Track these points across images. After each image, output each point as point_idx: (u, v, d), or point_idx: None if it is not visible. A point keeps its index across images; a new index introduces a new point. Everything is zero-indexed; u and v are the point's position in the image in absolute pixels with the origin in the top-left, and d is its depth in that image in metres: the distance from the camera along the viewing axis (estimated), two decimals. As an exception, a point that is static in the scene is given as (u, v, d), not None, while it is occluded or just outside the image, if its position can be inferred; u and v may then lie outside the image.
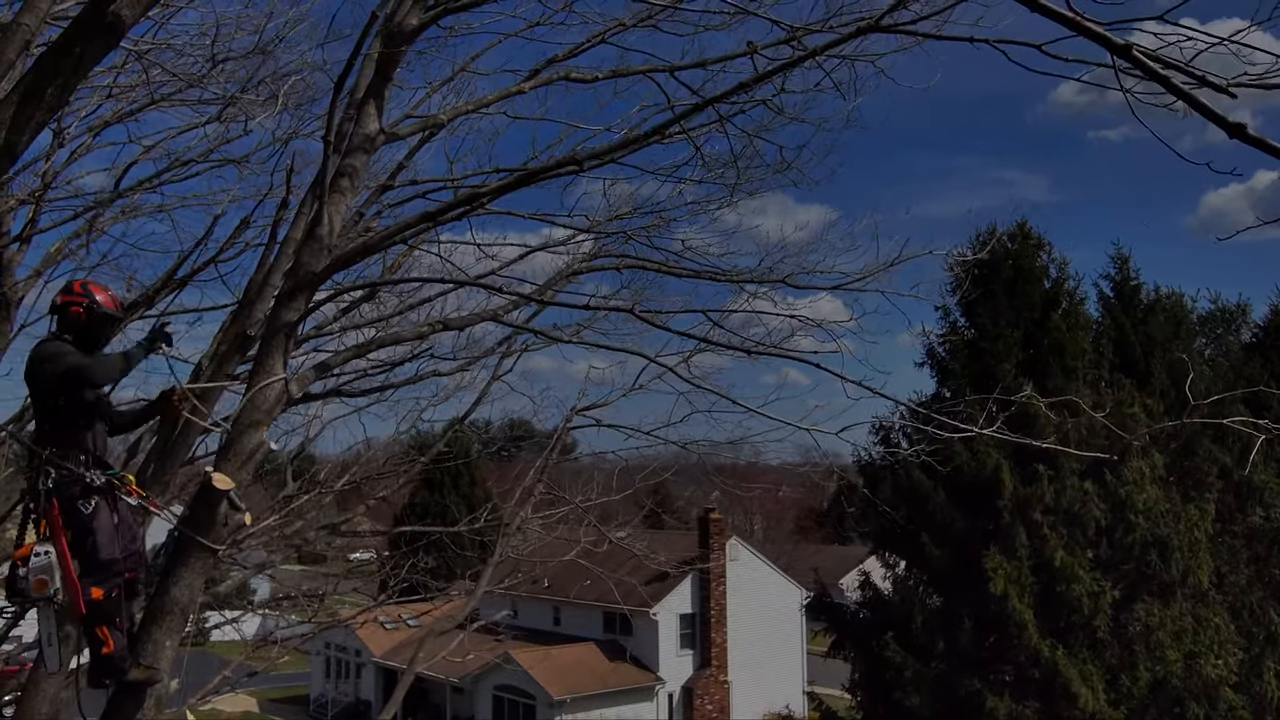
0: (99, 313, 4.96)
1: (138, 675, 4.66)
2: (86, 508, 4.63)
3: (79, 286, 5.08)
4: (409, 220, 5.37)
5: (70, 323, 4.94)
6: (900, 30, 4.85)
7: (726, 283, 6.08)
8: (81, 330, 4.94)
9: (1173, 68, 2.90)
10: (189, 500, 5.47)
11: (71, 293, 5.02)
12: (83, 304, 4.94)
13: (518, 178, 5.23)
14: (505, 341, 11.26)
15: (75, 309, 4.94)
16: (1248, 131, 2.68)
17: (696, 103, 4.99)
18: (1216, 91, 2.91)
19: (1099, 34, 2.97)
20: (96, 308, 4.95)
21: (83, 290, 5.03)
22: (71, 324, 4.94)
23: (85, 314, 4.93)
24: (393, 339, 6.52)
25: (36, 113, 3.68)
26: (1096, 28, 2.98)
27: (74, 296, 4.99)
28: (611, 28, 6.57)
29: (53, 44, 3.81)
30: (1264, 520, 22.09)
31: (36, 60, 3.66)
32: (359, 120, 5.22)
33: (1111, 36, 2.96)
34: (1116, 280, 25.52)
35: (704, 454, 10.12)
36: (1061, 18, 3.04)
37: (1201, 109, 2.78)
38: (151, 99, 9.06)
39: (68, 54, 3.75)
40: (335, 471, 12.84)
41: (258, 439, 4.97)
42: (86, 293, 5.00)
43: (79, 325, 4.94)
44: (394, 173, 8.36)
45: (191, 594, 4.93)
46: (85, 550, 4.63)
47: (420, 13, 5.11)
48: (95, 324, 4.97)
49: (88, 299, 4.96)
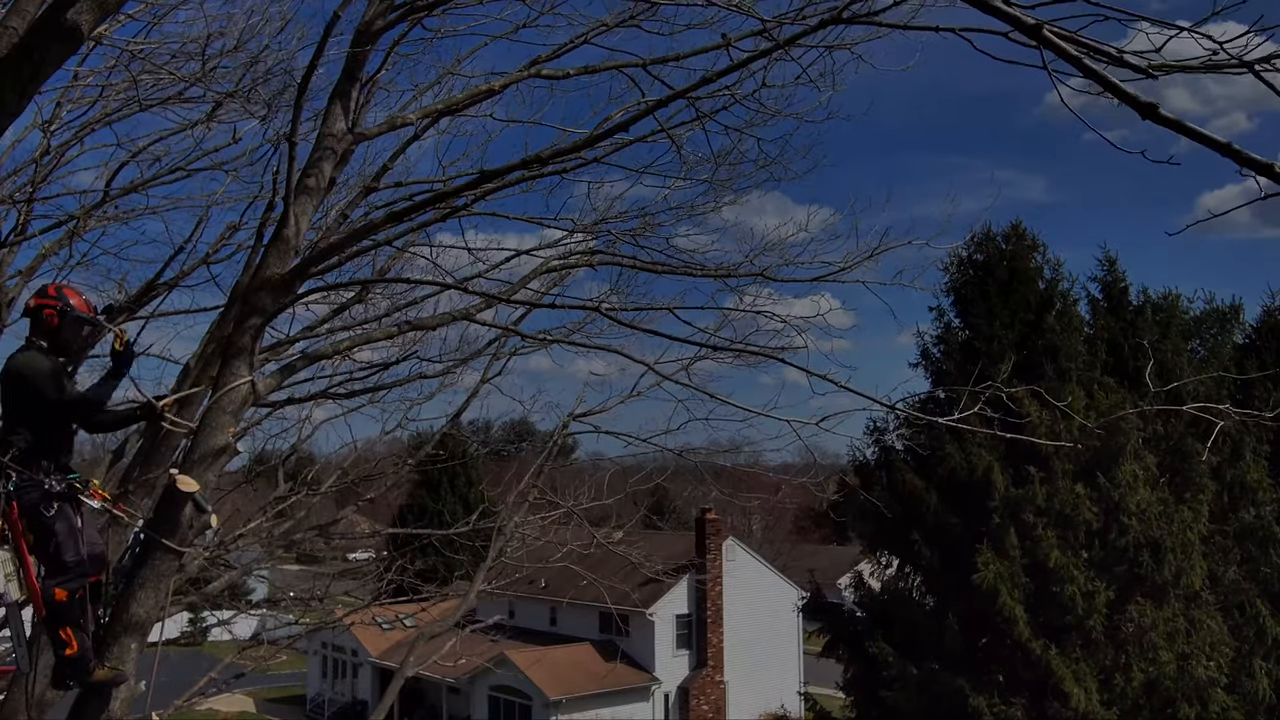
0: (71, 316, 4.96)
1: (101, 676, 4.67)
2: (48, 510, 4.64)
3: (53, 290, 5.10)
4: (375, 220, 5.38)
5: (43, 326, 4.95)
6: (867, 21, 4.88)
7: (704, 277, 6.08)
8: (53, 334, 4.95)
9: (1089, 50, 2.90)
10: (153, 503, 5.49)
11: (45, 296, 5.03)
12: (56, 307, 4.95)
13: (482, 175, 5.24)
14: (493, 344, 11.26)
15: (48, 312, 4.95)
16: (1159, 111, 2.68)
17: (660, 97, 4.99)
18: (1136, 72, 2.91)
19: (1008, 14, 2.98)
20: (70, 311, 4.95)
21: (56, 294, 5.04)
22: (44, 327, 4.95)
23: (58, 317, 4.94)
24: (365, 339, 6.53)
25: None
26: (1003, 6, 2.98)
27: (48, 300, 5.00)
28: (594, 28, 6.59)
29: (10, 49, 3.81)
30: (1255, 519, 22.08)
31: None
32: (325, 120, 5.23)
33: (1022, 16, 2.96)
34: (1106, 282, 25.50)
35: (701, 461, 10.13)
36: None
37: (1112, 88, 2.77)
38: (140, 104, 9.05)
39: (25, 59, 3.76)
40: (327, 472, 12.84)
41: (223, 440, 4.98)
42: (60, 296, 5.01)
43: (51, 329, 4.94)
44: (378, 175, 8.37)
45: (157, 597, 4.93)
46: (48, 552, 4.65)
47: (385, 14, 5.12)
48: (67, 327, 4.97)
49: (61, 302, 4.97)
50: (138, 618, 4.87)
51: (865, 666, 23.59)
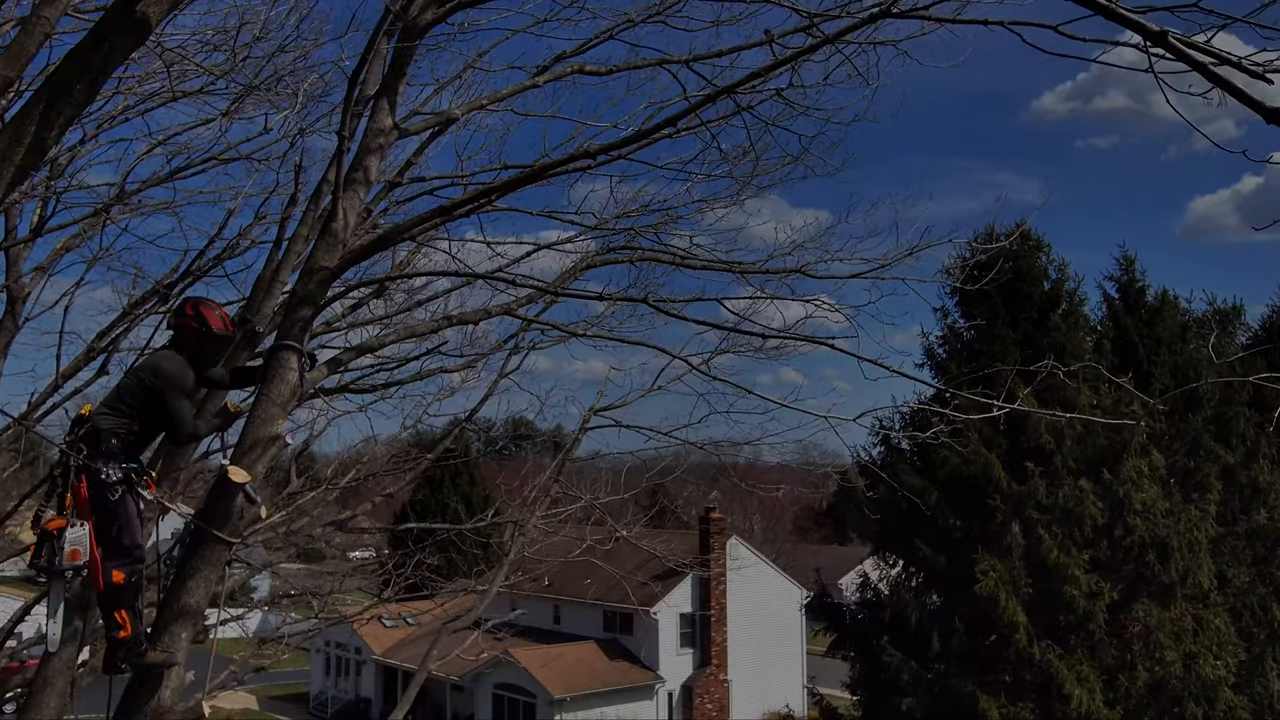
0: (211, 335, 5.14)
1: (154, 658, 4.72)
2: (113, 495, 4.73)
3: (190, 309, 5.24)
4: (423, 215, 5.41)
5: (184, 344, 5.15)
6: (916, 15, 4.91)
7: (741, 274, 6.10)
8: (194, 350, 5.14)
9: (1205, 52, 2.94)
10: (205, 493, 5.54)
11: (184, 315, 5.21)
12: (193, 326, 5.13)
13: (531, 172, 5.28)
14: (512, 338, 11.28)
15: (187, 332, 5.15)
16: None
17: (708, 93, 5.02)
18: (1251, 77, 2.95)
19: (1133, 20, 3.02)
20: (208, 331, 5.13)
21: (194, 313, 5.19)
22: (185, 344, 5.15)
23: (195, 337, 5.13)
24: (409, 332, 6.56)
25: (65, 109, 3.72)
26: (1131, 15, 3.03)
27: (186, 320, 5.17)
28: (620, 23, 6.60)
29: (82, 40, 3.85)
30: (1268, 521, 22.17)
31: (65, 56, 3.71)
32: (373, 116, 5.27)
33: (1146, 23, 3.01)
34: (1122, 282, 25.57)
35: (721, 454, 10.17)
36: (1095, 5, 3.08)
37: (1237, 93, 2.81)
38: (172, 94, 9.05)
39: (96, 50, 3.80)
40: (339, 469, 12.86)
41: (273, 432, 5.02)
42: (199, 316, 5.17)
43: (191, 346, 5.14)
44: (402, 169, 8.39)
45: (207, 586, 4.98)
46: (110, 534, 4.73)
47: (434, 8, 5.16)
48: (206, 344, 5.16)
49: (199, 323, 5.14)
50: (189, 606, 4.91)
51: (871, 666, 23.65)
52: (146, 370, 5.07)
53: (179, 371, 5.01)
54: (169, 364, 5.02)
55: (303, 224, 6.36)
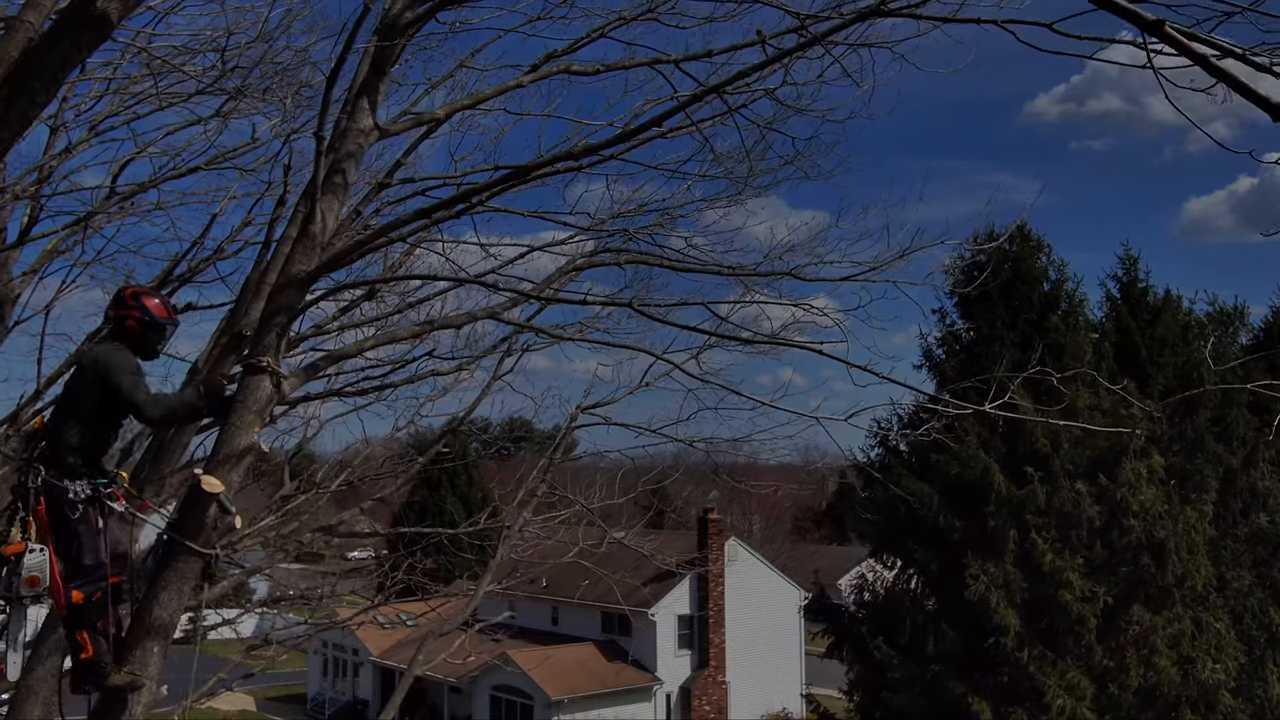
0: (151, 322, 4.97)
1: (117, 681, 4.56)
2: (74, 511, 4.56)
3: (130, 297, 5.05)
4: (404, 217, 5.27)
5: (125, 334, 4.96)
6: (906, 14, 4.79)
7: (732, 276, 5.98)
8: (137, 341, 4.97)
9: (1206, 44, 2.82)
10: (178, 504, 5.39)
11: (124, 304, 5.01)
12: (135, 315, 4.95)
13: (513, 172, 5.14)
14: (506, 340, 11.17)
15: (130, 322, 4.96)
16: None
17: (694, 93, 4.90)
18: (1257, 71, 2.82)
19: (1128, 9, 2.89)
20: (148, 318, 4.96)
21: (134, 301, 5.01)
22: (126, 335, 4.96)
23: (139, 326, 4.95)
24: (389, 338, 6.43)
25: (26, 109, 3.59)
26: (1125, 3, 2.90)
27: (127, 310, 4.99)
28: (612, 21, 6.48)
29: (39, 39, 3.72)
30: (1268, 524, 22.05)
31: (21, 55, 3.58)
32: (352, 116, 5.13)
33: (1141, 12, 2.88)
34: (1124, 281, 25.44)
35: (712, 451, 10.04)
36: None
37: (1241, 88, 2.68)
38: (159, 104, 8.94)
39: (54, 48, 3.67)
40: (333, 471, 12.74)
41: (248, 440, 4.88)
42: (138, 303, 4.99)
43: (134, 337, 4.96)
44: (391, 170, 8.26)
45: (180, 600, 4.83)
46: (70, 553, 4.57)
47: (414, 7, 5.03)
48: (150, 333, 4.99)
49: (140, 310, 4.96)
50: (160, 621, 4.76)
51: (869, 669, 23.55)
52: (90, 364, 4.86)
53: (125, 357, 4.83)
54: (113, 353, 4.84)
55: (290, 226, 6.22)
